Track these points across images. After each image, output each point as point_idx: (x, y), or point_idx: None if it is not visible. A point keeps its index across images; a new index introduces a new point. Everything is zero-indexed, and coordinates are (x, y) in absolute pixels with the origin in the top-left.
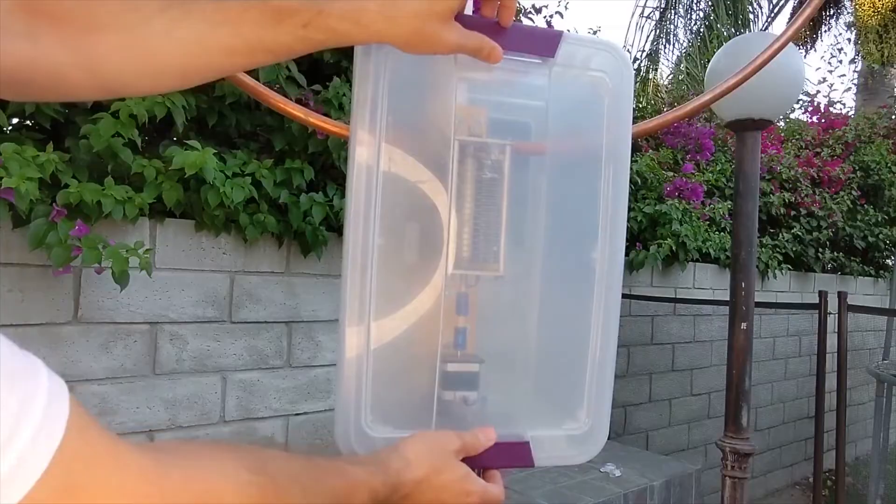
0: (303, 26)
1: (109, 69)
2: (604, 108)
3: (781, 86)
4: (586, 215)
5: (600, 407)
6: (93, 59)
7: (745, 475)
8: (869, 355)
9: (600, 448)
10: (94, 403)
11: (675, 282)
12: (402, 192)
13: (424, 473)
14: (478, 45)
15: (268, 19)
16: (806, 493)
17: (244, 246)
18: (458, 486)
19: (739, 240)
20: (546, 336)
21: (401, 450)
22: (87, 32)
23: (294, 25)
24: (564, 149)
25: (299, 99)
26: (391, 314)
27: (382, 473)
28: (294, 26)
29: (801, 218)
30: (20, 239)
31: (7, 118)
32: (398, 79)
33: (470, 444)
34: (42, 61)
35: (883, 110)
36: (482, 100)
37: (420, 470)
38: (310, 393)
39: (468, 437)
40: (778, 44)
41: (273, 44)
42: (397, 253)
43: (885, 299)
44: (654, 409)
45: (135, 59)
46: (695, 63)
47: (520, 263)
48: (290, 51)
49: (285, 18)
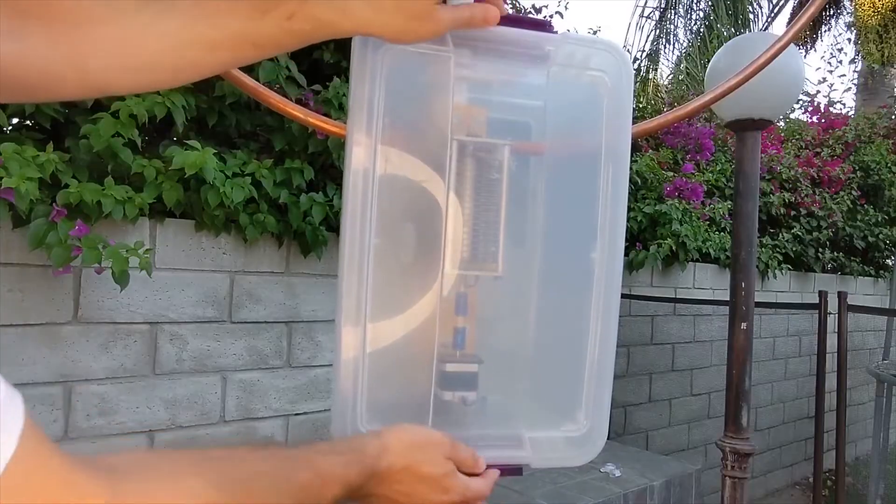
0: (287, 18)
1: (96, 66)
2: (603, 108)
3: (781, 86)
4: (586, 215)
5: (599, 409)
6: (79, 56)
7: (745, 475)
8: (869, 355)
9: (599, 450)
10: (94, 403)
11: (675, 282)
12: (400, 192)
13: (404, 463)
14: (469, 13)
15: (252, 11)
16: (806, 493)
17: (244, 246)
18: (438, 481)
19: (739, 240)
20: (544, 336)
21: (383, 436)
22: (73, 29)
23: (279, 17)
24: (564, 148)
25: (299, 99)
26: (388, 314)
27: (358, 463)
28: (279, 17)
29: (801, 218)
30: (20, 239)
31: (7, 118)
32: (395, 78)
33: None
34: (30, 60)
35: (883, 110)
36: (481, 99)
37: (399, 458)
38: (310, 393)
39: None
40: (780, 44)
41: (259, 37)
42: (394, 253)
43: (885, 299)
44: (654, 409)
45: (120, 55)
46: (695, 63)
47: (519, 263)
48: (277, 44)
49: (270, 10)
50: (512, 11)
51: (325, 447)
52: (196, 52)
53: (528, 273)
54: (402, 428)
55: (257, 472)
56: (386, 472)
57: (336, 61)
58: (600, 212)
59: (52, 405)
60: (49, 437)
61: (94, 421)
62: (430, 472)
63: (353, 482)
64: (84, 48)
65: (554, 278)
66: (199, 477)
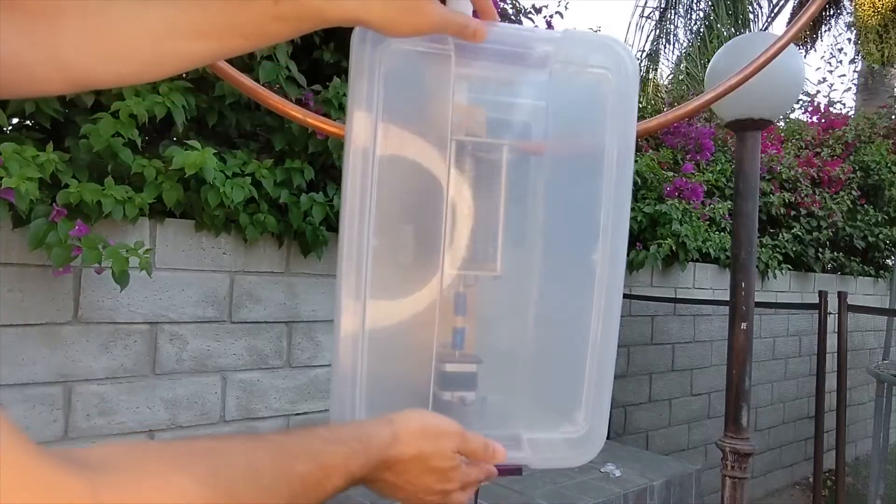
0: (273, 3)
1: (75, 58)
2: (607, 106)
3: (781, 86)
4: (587, 216)
5: (598, 410)
6: (57, 50)
7: (745, 475)
8: (869, 355)
9: (597, 451)
10: (94, 403)
11: (675, 282)
12: (399, 191)
13: (414, 452)
14: (463, 22)
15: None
16: (806, 493)
17: (244, 246)
18: (444, 473)
19: (739, 240)
20: (544, 337)
21: (394, 423)
22: (50, 21)
23: (264, 2)
24: (565, 148)
25: (299, 99)
26: (387, 314)
27: (364, 453)
28: (265, 4)
29: (801, 218)
30: (20, 239)
31: (7, 118)
32: (395, 76)
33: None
34: (4, 55)
35: (883, 110)
36: (481, 99)
37: (409, 448)
38: (310, 393)
39: (473, 442)
40: (780, 44)
41: (244, 25)
42: (393, 252)
43: (885, 299)
44: (654, 409)
45: (100, 46)
46: (695, 63)
47: (519, 263)
48: (262, 33)
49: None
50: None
51: (330, 435)
52: (180, 41)
53: (527, 273)
54: (415, 415)
55: (251, 464)
56: (395, 460)
57: (336, 61)
58: (602, 212)
59: (52, 405)
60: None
61: (94, 421)
62: (439, 465)
63: (357, 473)
64: (62, 41)
65: (554, 279)
66: (187, 473)
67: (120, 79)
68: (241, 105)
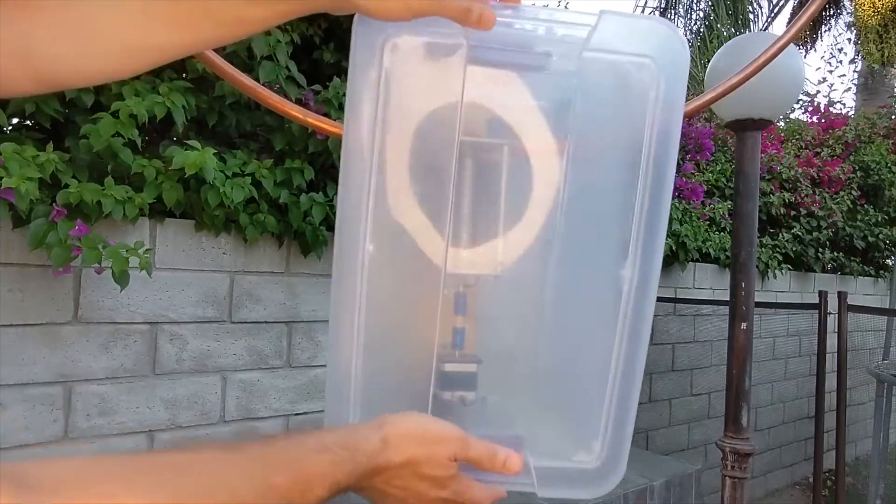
0: None
1: (45, 54)
2: (648, 102)
3: (781, 86)
4: (614, 223)
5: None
6: (26, 45)
7: (745, 475)
8: (869, 355)
9: (612, 486)
10: (94, 403)
11: (675, 282)
12: (398, 190)
13: (404, 459)
14: (464, 5)
15: None
16: (806, 493)
17: (244, 246)
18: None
19: (739, 240)
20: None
21: (384, 429)
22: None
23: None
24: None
25: (299, 99)
26: (385, 313)
27: (350, 461)
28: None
29: (801, 218)
30: (20, 239)
31: (7, 118)
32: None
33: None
34: None
35: (883, 110)
36: (489, 95)
37: (398, 454)
38: (310, 393)
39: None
40: (779, 44)
41: (220, 10)
42: (393, 252)
43: (885, 299)
44: (654, 409)
45: (74, 39)
46: (695, 63)
47: (526, 266)
48: (239, 19)
49: None
50: None
51: (314, 443)
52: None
53: (535, 277)
54: (409, 419)
55: (221, 479)
56: (384, 466)
57: (336, 61)
58: (634, 222)
59: (52, 405)
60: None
61: (94, 421)
62: (431, 472)
63: (344, 481)
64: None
65: (571, 288)
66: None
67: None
68: (241, 105)
